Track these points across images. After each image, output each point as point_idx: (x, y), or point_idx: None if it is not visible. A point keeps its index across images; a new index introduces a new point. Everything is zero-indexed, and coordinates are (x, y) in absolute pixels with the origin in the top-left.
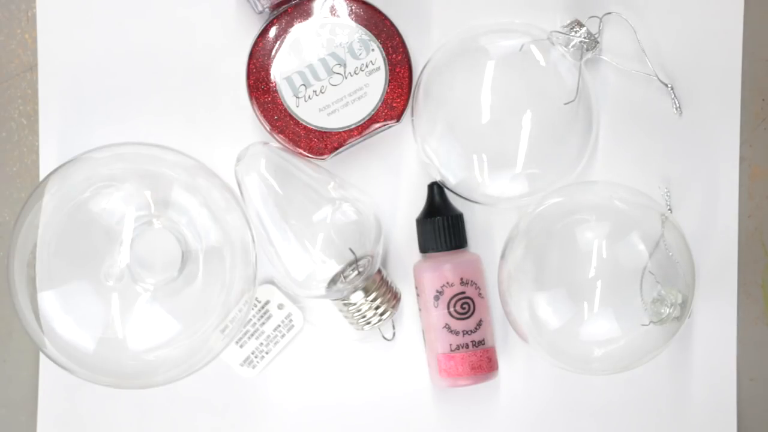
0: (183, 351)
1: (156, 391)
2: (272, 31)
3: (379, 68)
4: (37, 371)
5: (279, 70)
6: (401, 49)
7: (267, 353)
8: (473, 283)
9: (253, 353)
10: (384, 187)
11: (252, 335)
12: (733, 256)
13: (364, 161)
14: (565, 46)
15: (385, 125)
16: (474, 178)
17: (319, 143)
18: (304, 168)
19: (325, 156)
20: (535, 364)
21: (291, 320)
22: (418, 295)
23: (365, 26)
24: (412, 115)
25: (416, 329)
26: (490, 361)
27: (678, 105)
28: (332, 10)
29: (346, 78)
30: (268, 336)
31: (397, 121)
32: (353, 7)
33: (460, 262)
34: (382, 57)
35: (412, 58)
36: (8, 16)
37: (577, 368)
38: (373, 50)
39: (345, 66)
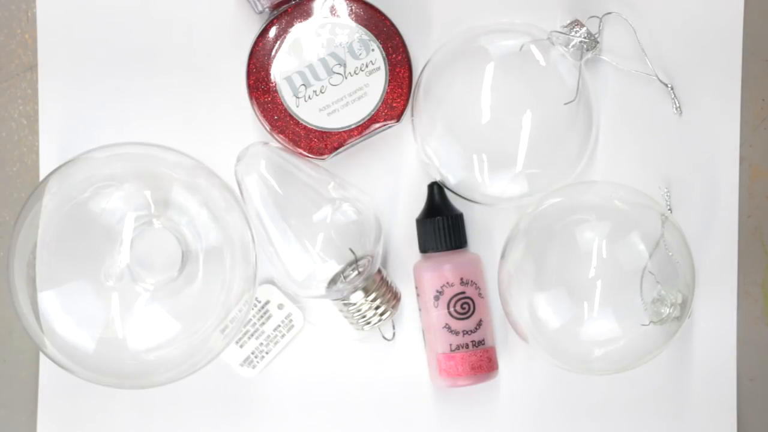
0: (183, 351)
1: (156, 391)
2: (272, 31)
3: (379, 68)
4: (37, 371)
5: (279, 70)
6: (401, 49)
7: (267, 353)
8: (473, 283)
9: (253, 353)
10: (384, 187)
11: (252, 335)
12: (733, 256)
13: (364, 161)
14: (565, 46)
15: (385, 125)
16: (474, 178)
17: (319, 143)
18: (304, 168)
19: (325, 156)
20: (535, 364)
21: (291, 320)
22: (418, 295)
23: (365, 26)
24: (412, 115)
25: (416, 329)
26: (490, 361)
27: (678, 105)
28: (332, 10)
29: (346, 78)
30: (268, 336)
31: (397, 121)
32: (353, 7)
33: (460, 262)
34: (382, 57)
35: (412, 58)
36: (8, 16)
37: (577, 368)
38: (373, 50)
39: (345, 66)
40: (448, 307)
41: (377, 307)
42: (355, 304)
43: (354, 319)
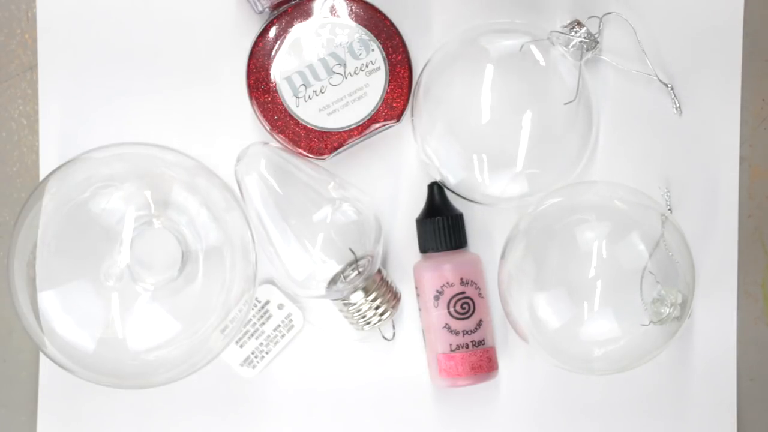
0: (183, 351)
1: (156, 391)
2: (272, 31)
3: (379, 68)
4: (37, 371)
5: (279, 70)
6: (401, 49)
7: (267, 353)
8: (473, 283)
9: (253, 353)
10: (384, 187)
11: (252, 335)
12: (733, 256)
13: (364, 161)
14: (565, 46)
15: (385, 125)
16: (474, 178)
17: (319, 143)
18: (304, 168)
19: (325, 156)
20: (535, 364)
21: (291, 320)
22: (418, 295)
23: (365, 26)
24: (412, 115)
25: (416, 329)
26: (490, 361)
27: (678, 105)
28: (332, 10)
29: (346, 78)
30: (268, 336)
31: (397, 121)
32: (353, 7)
33: (460, 262)
34: (382, 57)
35: (412, 58)
36: (8, 16)
37: (577, 368)
38: (373, 50)
39: (345, 66)
40: (448, 307)
41: (377, 307)
42: (355, 304)
43: (354, 319)
